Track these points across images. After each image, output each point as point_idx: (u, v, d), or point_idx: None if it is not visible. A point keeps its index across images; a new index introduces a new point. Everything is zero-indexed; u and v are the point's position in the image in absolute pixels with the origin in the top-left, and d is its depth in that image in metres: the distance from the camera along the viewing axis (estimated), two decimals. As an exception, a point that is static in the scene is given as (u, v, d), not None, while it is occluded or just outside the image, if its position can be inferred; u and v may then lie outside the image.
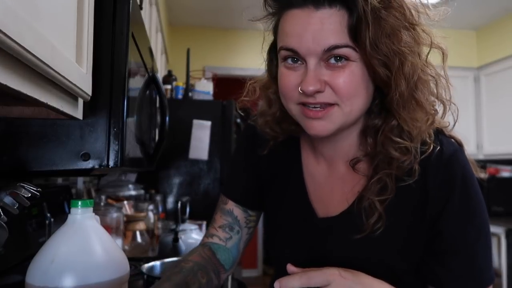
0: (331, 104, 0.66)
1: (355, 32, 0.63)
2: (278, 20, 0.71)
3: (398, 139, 0.68)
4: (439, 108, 0.73)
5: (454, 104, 0.72)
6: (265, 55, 0.79)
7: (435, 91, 0.71)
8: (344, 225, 0.75)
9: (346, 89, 0.65)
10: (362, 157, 0.74)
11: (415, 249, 0.72)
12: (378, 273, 0.72)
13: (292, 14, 0.66)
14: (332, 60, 0.65)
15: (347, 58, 0.64)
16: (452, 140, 0.74)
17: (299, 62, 0.67)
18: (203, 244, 0.90)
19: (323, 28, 0.63)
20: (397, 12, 0.65)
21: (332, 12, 0.63)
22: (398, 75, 0.65)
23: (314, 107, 0.67)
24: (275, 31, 0.73)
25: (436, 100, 0.72)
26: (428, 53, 0.70)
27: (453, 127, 0.75)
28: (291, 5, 0.66)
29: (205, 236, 0.93)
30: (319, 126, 0.68)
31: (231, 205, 0.90)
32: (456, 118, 0.73)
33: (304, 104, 0.68)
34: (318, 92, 0.65)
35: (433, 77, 0.71)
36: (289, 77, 0.68)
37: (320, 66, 0.65)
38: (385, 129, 0.70)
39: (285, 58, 0.69)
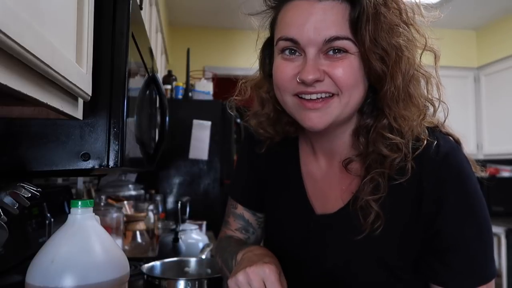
0: (330, 95, 0.68)
1: (355, 26, 0.64)
2: (276, 14, 0.72)
3: (390, 135, 0.69)
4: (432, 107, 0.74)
5: (445, 103, 0.74)
6: (258, 53, 0.80)
7: (426, 90, 0.72)
8: (341, 222, 0.75)
9: (345, 79, 0.66)
10: (354, 157, 0.75)
11: (411, 246, 0.72)
12: (375, 269, 0.72)
13: (294, 4, 0.68)
14: (331, 52, 0.66)
15: (345, 51, 0.66)
16: (450, 137, 0.74)
17: (297, 53, 0.68)
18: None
19: (325, 19, 0.65)
20: (395, 10, 0.67)
21: (334, 4, 0.65)
22: (394, 69, 0.66)
23: (311, 98, 0.68)
24: (272, 25, 0.74)
25: (428, 99, 0.73)
26: (422, 53, 0.71)
27: (443, 124, 0.76)
28: None
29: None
30: (315, 118, 0.68)
31: (241, 209, 0.93)
32: (446, 116, 0.74)
33: (300, 97, 0.69)
34: (318, 81, 0.66)
35: (425, 75, 0.72)
36: (286, 68, 0.69)
37: (319, 57, 0.67)
38: (377, 126, 0.71)
39: (282, 50, 0.70)
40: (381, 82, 0.68)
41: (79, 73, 0.59)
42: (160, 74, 2.65)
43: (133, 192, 2.23)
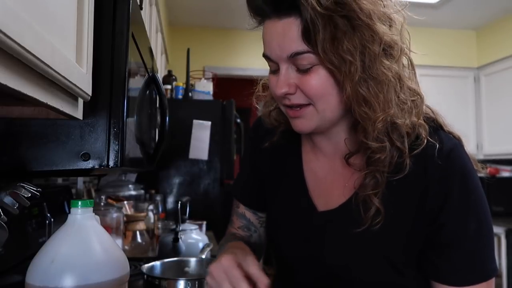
0: (306, 104, 0.71)
1: (309, 39, 0.66)
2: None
3: (368, 137, 0.70)
4: (413, 105, 0.72)
5: (415, 100, 0.72)
6: None
7: (383, 91, 0.69)
8: (343, 218, 0.76)
9: (314, 91, 0.69)
10: (354, 152, 0.75)
11: (415, 242, 0.73)
12: (378, 266, 0.72)
13: (265, 24, 0.72)
14: (301, 67, 0.69)
15: (312, 63, 0.68)
16: (451, 135, 0.75)
17: (278, 67, 0.72)
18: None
19: (285, 36, 0.68)
20: (350, 14, 0.65)
21: (291, 20, 0.67)
22: (345, 76, 0.67)
23: (293, 107, 0.72)
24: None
25: (410, 95, 0.72)
26: (380, 51, 0.68)
27: (444, 123, 0.76)
28: (264, 16, 0.72)
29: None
30: (299, 124, 0.73)
31: (242, 209, 0.95)
32: (416, 113, 0.72)
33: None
34: (289, 94, 0.70)
35: (391, 75, 0.69)
36: (272, 82, 0.74)
37: (291, 70, 0.70)
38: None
39: (269, 65, 0.74)
40: (344, 86, 0.68)
41: (79, 73, 0.59)
42: (160, 74, 2.65)
43: (133, 192, 2.23)
